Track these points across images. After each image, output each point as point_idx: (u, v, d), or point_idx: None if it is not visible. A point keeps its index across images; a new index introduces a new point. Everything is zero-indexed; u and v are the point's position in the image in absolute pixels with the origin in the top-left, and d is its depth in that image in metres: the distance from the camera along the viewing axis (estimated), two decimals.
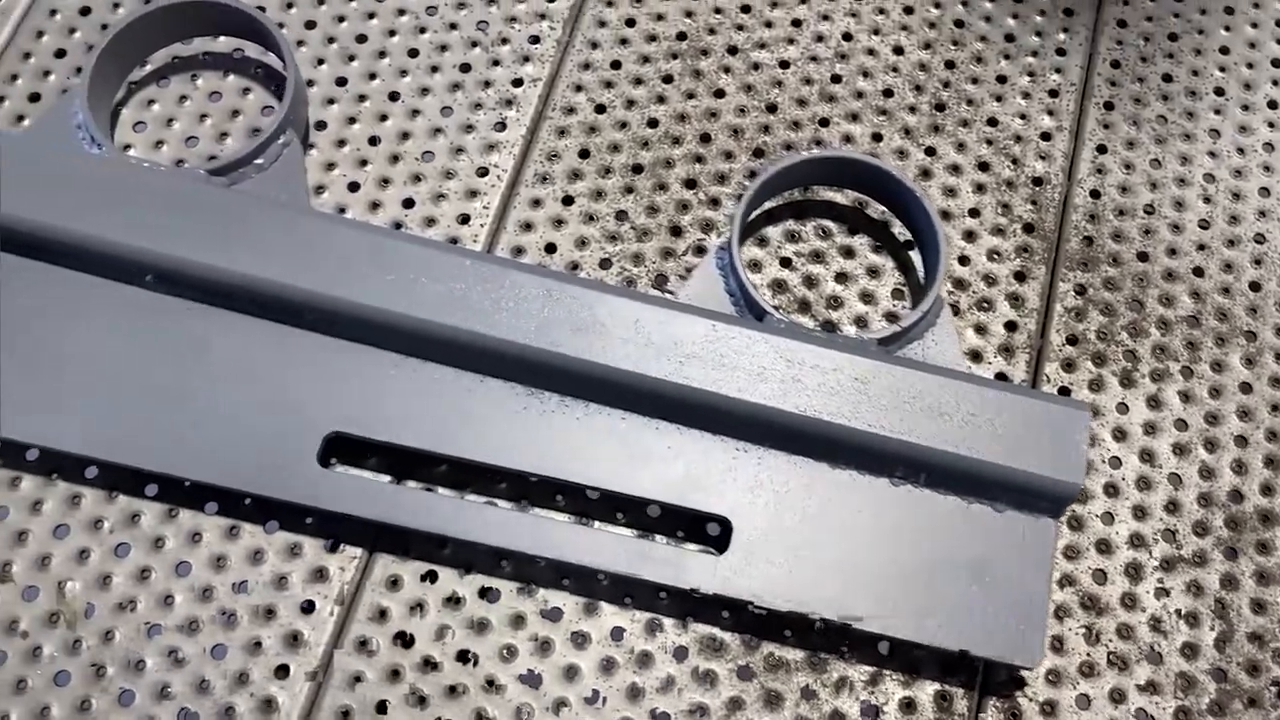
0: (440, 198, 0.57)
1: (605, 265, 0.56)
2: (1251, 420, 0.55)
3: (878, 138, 0.60)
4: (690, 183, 0.58)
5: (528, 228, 0.56)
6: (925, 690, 0.49)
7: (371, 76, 0.59)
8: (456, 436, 0.49)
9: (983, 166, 0.59)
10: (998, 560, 0.48)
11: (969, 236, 0.58)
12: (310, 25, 0.60)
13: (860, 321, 0.55)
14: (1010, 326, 0.56)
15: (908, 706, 0.48)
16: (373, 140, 0.58)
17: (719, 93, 0.60)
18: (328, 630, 0.48)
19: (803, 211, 0.58)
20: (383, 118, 0.58)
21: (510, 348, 0.49)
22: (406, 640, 0.48)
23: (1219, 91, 0.62)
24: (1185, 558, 0.52)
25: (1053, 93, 0.61)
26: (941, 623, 0.47)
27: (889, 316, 0.55)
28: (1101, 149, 0.60)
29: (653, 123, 0.59)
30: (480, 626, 0.49)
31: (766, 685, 0.48)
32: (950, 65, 0.62)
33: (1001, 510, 0.49)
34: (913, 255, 0.57)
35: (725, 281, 0.53)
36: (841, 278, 0.56)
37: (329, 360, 0.50)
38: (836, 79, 0.61)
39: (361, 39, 0.60)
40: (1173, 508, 0.53)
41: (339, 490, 0.48)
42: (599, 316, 0.49)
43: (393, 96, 0.59)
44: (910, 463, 0.49)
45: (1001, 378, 0.55)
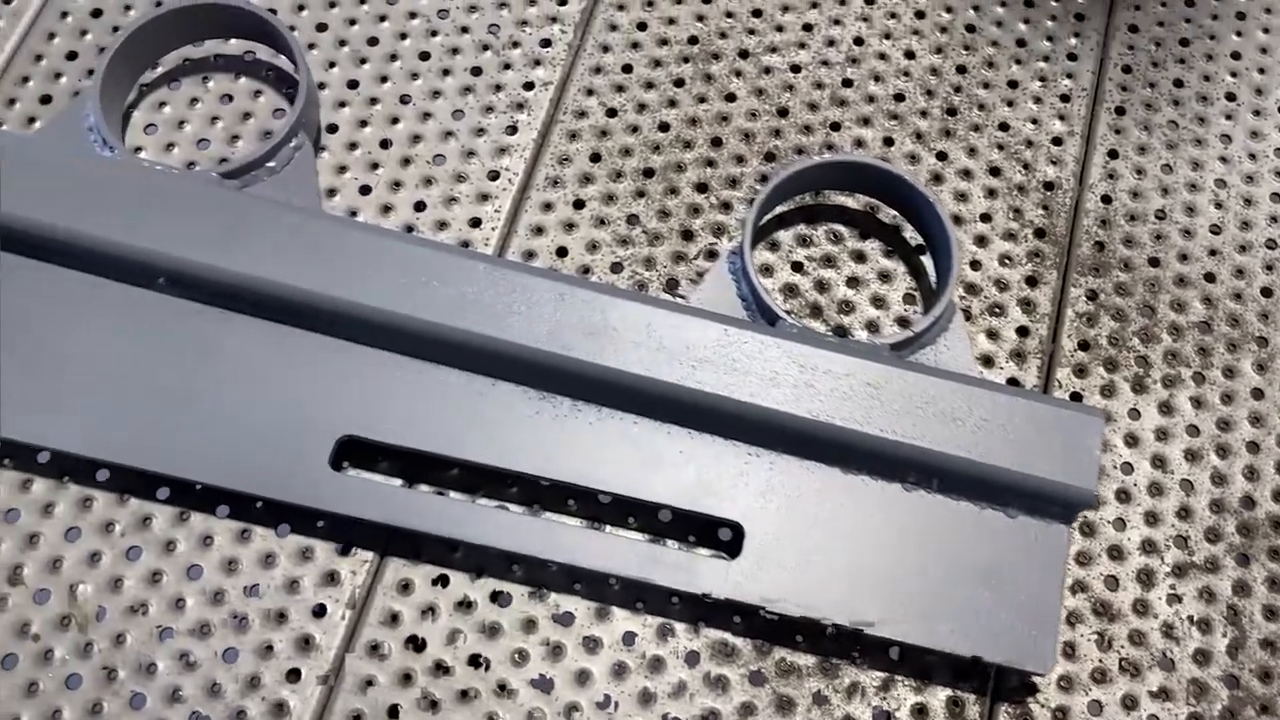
0: (452, 201, 0.57)
1: (617, 269, 0.56)
2: (1263, 426, 0.55)
3: (889, 142, 0.60)
4: (702, 187, 0.58)
5: (539, 231, 0.56)
6: (937, 696, 0.49)
7: (383, 79, 0.59)
8: (468, 440, 0.49)
9: (994, 171, 0.59)
10: (1010, 566, 0.48)
11: (980, 241, 0.58)
12: (322, 28, 0.60)
13: (872, 326, 0.55)
14: (1022, 332, 0.56)
15: (920, 712, 0.48)
16: (384, 143, 0.58)
17: (730, 97, 0.60)
18: (339, 634, 0.48)
19: (814, 216, 0.58)
20: (394, 121, 0.58)
21: (522, 351, 0.49)
22: (418, 644, 0.48)
23: (1230, 97, 0.62)
24: (1197, 564, 0.52)
25: (1064, 98, 0.61)
26: (953, 628, 0.47)
27: (900, 321, 0.55)
28: (1113, 154, 0.60)
29: (664, 126, 0.59)
30: (492, 630, 0.49)
31: (778, 690, 0.48)
32: (962, 70, 0.62)
33: (1014, 516, 0.49)
34: (924, 260, 0.56)
35: (737, 286, 0.53)
36: (853, 282, 0.56)
37: (340, 363, 0.50)
38: (848, 83, 0.61)
39: (373, 42, 0.60)
40: (1185, 514, 0.53)
41: (350, 494, 0.48)
42: (611, 320, 0.49)
43: (404, 99, 0.59)
44: (923, 468, 0.48)
45: (1013, 383, 0.54)
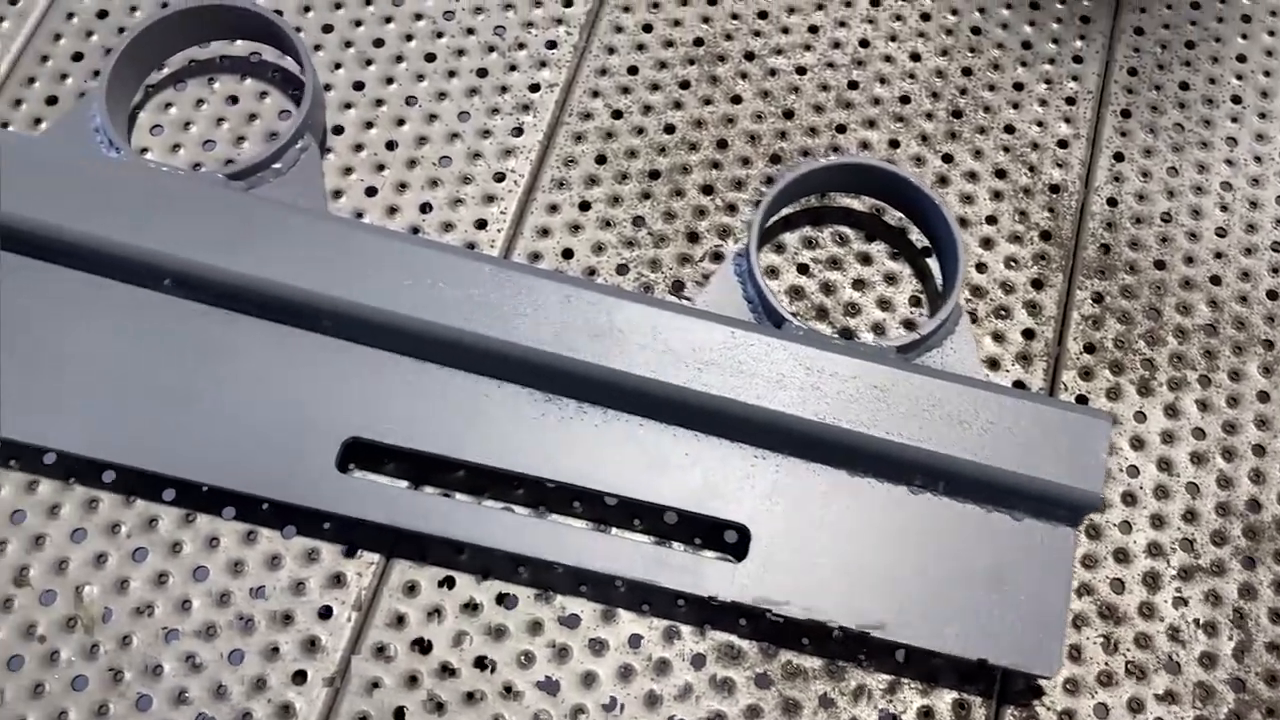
0: (457, 203, 0.57)
1: (622, 271, 0.56)
2: (1269, 429, 0.55)
3: (895, 144, 0.60)
4: (707, 189, 0.58)
5: (544, 233, 0.56)
6: (943, 699, 0.49)
7: (389, 81, 0.59)
8: (474, 442, 0.49)
9: (1000, 174, 0.59)
10: (1016, 569, 0.48)
11: (986, 244, 0.58)
12: (327, 29, 0.60)
13: (877, 328, 0.55)
14: (1028, 334, 0.56)
15: (926, 715, 0.48)
16: (390, 145, 0.58)
17: (736, 99, 0.60)
18: (345, 636, 0.48)
19: (820, 218, 0.58)
20: (400, 122, 0.58)
21: (528, 353, 0.49)
22: (424, 646, 0.48)
23: (1236, 100, 0.62)
24: (1203, 567, 0.52)
25: (1070, 100, 0.61)
26: (959, 631, 0.47)
27: (906, 324, 0.55)
28: (1119, 157, 0.60)
29: (669, 128, 0.59)
30: (498, 633, 0.49)
31: (784, 693, 0.48)
32: (967, 72, 0.62)
33: (1020, 519, 0.49)
34: (930, 262, 0.56)
35: (743, 288, 0.53)
36: (859, 284, 0.56)
37: (346, 365, 0.50)
38: (853, 85, 0.61)
39: (379, 43, 0.60)
40: (1190, 517, 0.53)
41: (356, 495, 0.48)
42: (617, 323, 0.49)
43: (410, 101, 0.59)
44: (929, 471, 0.48)
45: (1019, 386, 0.54)
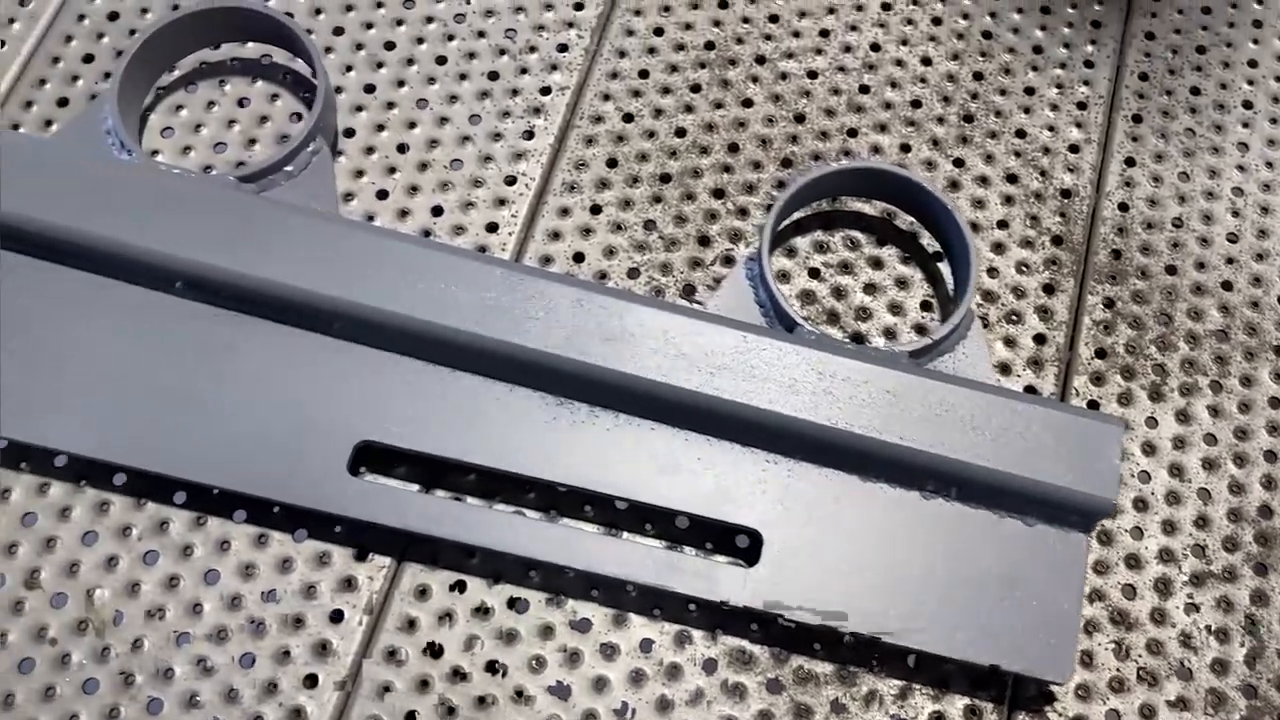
0: (469, 206, 0.57)
1: (633, 275, 0.56)
2: None
3: (906, 148, 0.60)
4: (718, 192, 0.58)
5: (556, 237, 0.56)
6: (955, 705, 0.49)
7: (400, 84, 0.59)
8: (485, 446, 0.49)
9: (1011, 178, 0.59)
10: (1028, 575, 0.48)
11: (997, 249, 0.57)
12: (338, 32, 0.60)
13: (889, 333, 0.55)
14: (1039, 339, 0.56)
15: None
16: (401, 148, 0.58)
17: (747, 102, 0.60)
18: (356, 640, 0.48)
19: (831, 222, 0.58)
20: (411, 125, 0.58)
21: (540, 357, 0.49)
22: (435, 650, 0.48)
23: (1247, 105, 0.62)
24: (1215, 573, 0.52)
25: (1081, 105, 0.61)
26: (972, 637, 0.47)
27: (918, 328, 0.55)
28: (1129, 162, 0.60)
29: (680, 132, 0.59)
30: (509, 637, 0.48)
31: (796, 698, 0.48)
32: (978, 77, 0.62)
33: (1032, 525, 0.49)
34: (941, 267, 0.56)
35: (755, 292, 0.53)
36: (870, 289, 0.56)
37: (358, 368, 0.50)
38: (864, 89, 0.61)
39: (390, 46, 0.60)
40: (1202, 523, 0.53)
41: (368, 499, 0.48)
42: (629, 326, 0.49)
43: (421, 104, 0.59)
44: (941, 476, 0.48)
45: (1030, 391, 0.54)
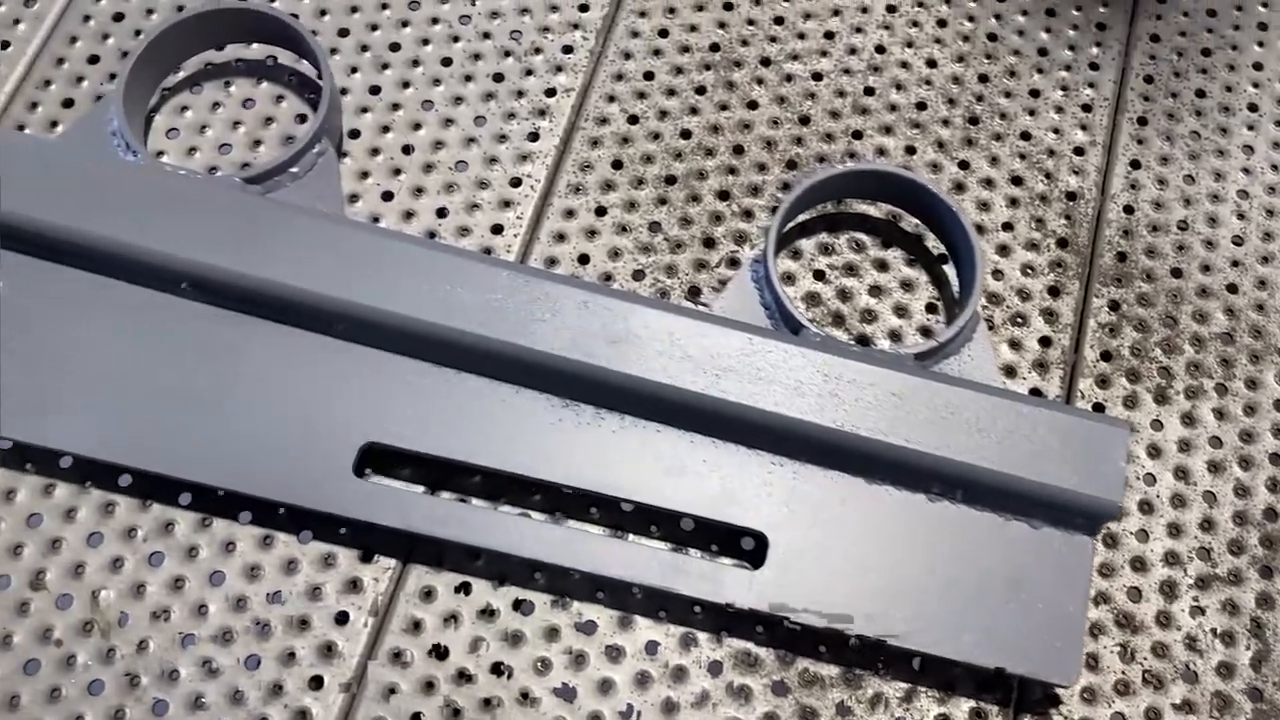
0: (474, 207, 0.57)
1: (639, 276, 0.56)
2: None
3: (911, 150, 0.60)
4: (723, 194, 0.58)
5: (561, 238, 0.56)
6: (960, 707, 0.49)
7: (405, 85, 0.59)
8: (491, 447, 0.49)
9: (1016, 180, 0.59)
10: (1034, 577, 0.48)
11: (1003, 251, 0.57)
12: (343, 33, 0.60)
13: (894, 335, 0.55)
14: (1044, 342, 0.56)
15: None
16: (406, 149, 0.58)
17: (752, 104, 0.60)
18: (362, 641, 0.48)
19: (836, 224, 0.58)
20: (416, 126, 0.58)
21: (546, 359, 0.49)
22: (441, 652, 0.48)
23: (1253, 107, 0.62)
24: (1220, 576, 0.52)
25: (1086, 107, 0.61)
26: (977, 639, 0.47)
27: (923, 331, 0.55)
28: (1135, 164, 0.60)
29: (686, 134, 0.59)
30: (514, 639, 0.48)
31: (801, 701, 0.48)
32: (984, 79, 0.62)
33: (1038, 527, 0.49)
34: (946, 269, 0.56)
35: (760, 294, 0.53)
36: (875, 291, 0.56)
37: (364, 370, 0.50)
38: (870, 91, 0.61)
39: (395, 47, 0.60)
40: (1208, 525, 0.52)
41: (373, 500, 0.48)
42: (634, 329, 0.49)
43: (426, 105, 0.59)
44: (947, 479, 0.48)
45: (1036, 393, 0.54)
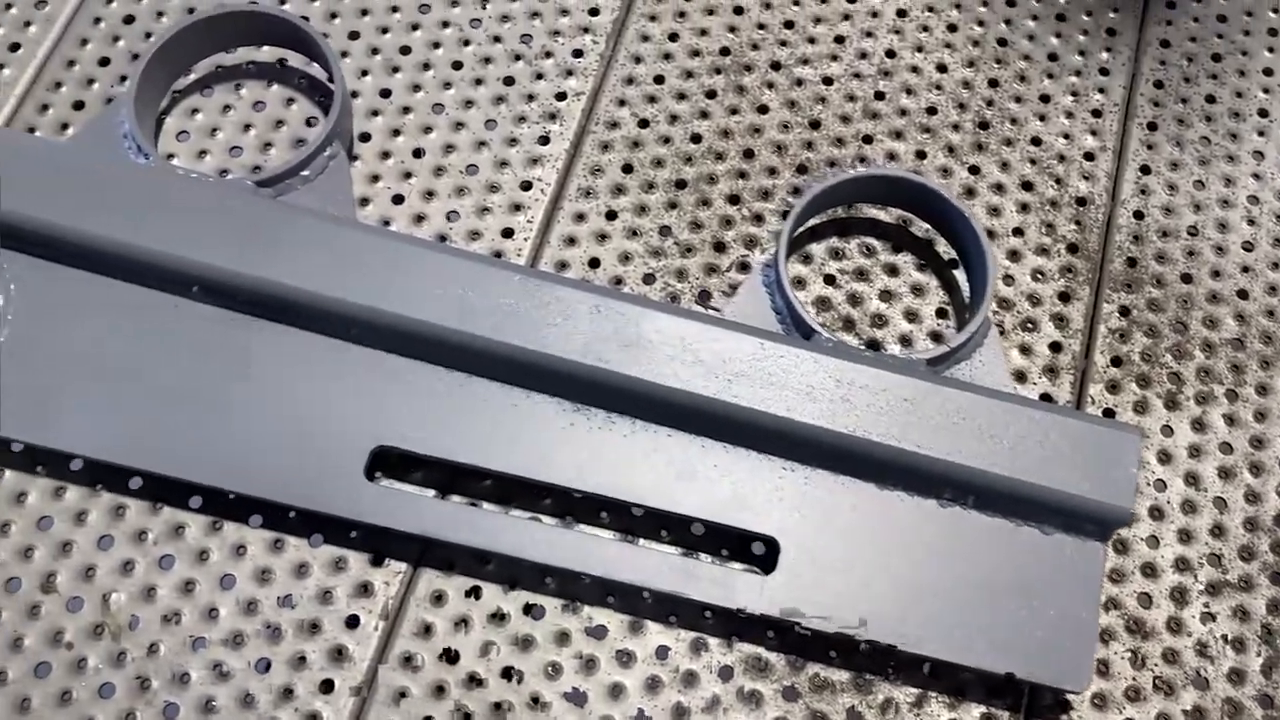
0: (484, 211, 0.57)
1: (649, 281, 0.56)
2: None
3: (921, 155, 0.60)
4: (734, 199, 0.58)
5: (571, 242, 0.56)
6: (971, 713, 0.48)
7: (416, 89, 0.59)
8: (502, 451, 0.49)
9: (1026, 186, 0.59)
10: (1045, 583, 0.48)
11: (1013, 256, 0.57)
12: (354, 36, 0.60)
13: (904, 340, 0.55)
14: (1055, 347, 0.56)
15: None
16: (417, 153, 0.58)
17: (762, 109, 0.60)
18: (372, 645, 0.48)
19: (846, 229, 0.58)
20: (427, 130, 0.58)
21: (557, 363, 0.49)
22: (451, 656, 0.48)
23: (1263, 113, 0.62)
24: (1231, 582, 0.52)
25: (1096, 112, 0.61)
26: (988, 645, 0.47)
27: (933, 336, 0.55)
28: (1145, 169, 0.60)
29: (696, 138, 0.59)
30: (525, 643, 0.48)
31: (812, 706, 0.48)
32: (994, 84, 0.62)
33: (1049, 533, 0.49)
34: (956, 274, 0.56)
35: (772, 299, 0.53)
36: (886, 296, 0.56)
37: (374, 373, 0.50)
38: (880, 96, 0.61)
39: (405, 51, 0.60)
40: (1218, 532, 0.52)
41: (384, 504, 0.48)
42: (646, 333, 0.49)
43: (437, 108, 0.59)
44: (958, 484, 0.48)
45: (1046, 399, 0.54)
